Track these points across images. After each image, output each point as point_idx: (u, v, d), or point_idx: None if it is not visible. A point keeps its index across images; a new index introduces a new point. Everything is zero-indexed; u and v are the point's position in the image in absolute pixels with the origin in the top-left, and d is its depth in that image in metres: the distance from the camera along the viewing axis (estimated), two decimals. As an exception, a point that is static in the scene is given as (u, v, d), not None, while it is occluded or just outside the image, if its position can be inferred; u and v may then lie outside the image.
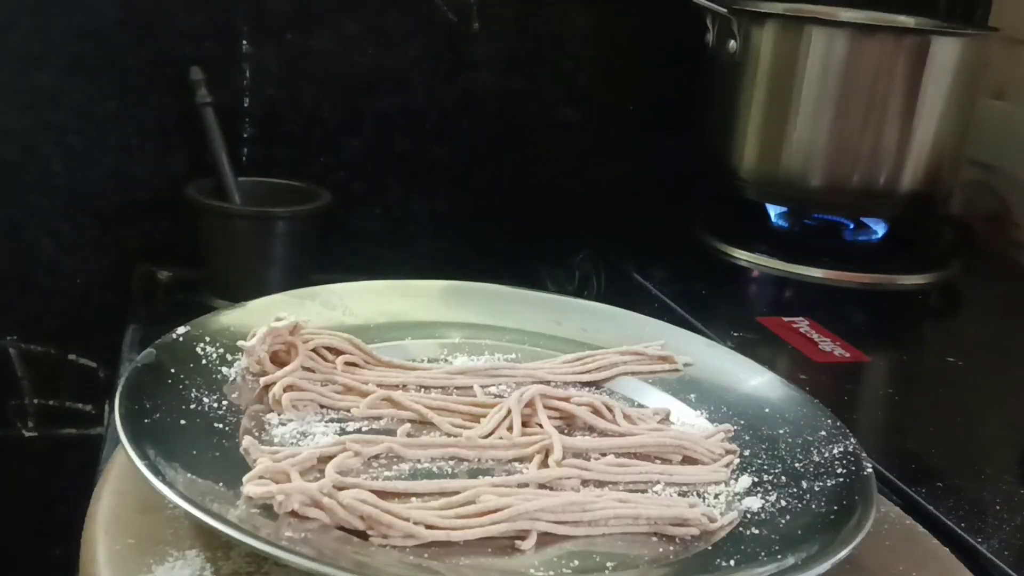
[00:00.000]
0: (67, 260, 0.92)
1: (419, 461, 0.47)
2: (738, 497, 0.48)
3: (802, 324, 0.75)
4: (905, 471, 0.56)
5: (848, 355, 0.71)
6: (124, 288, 0.90)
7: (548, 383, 0.56)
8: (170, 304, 0.87)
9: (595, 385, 0.58)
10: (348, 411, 0.51)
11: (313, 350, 0.54)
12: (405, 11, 0.94)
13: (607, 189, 1.04)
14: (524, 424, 0.51)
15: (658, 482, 0.48)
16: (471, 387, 0.55)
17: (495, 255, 1.01)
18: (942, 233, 0.92)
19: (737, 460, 0.51)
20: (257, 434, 0.47)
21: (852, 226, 0.95)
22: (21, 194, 0.89)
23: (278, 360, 0.52)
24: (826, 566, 0.40)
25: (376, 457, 0.46)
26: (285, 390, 0.50)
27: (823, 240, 0.94)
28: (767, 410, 0.55)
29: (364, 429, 0.49)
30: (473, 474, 0.47)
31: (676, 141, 1.01)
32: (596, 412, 0.53)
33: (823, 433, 0.52)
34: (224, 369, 0.52)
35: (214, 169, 0.86)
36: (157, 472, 0.40)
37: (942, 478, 0.56)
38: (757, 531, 0.45)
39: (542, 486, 0.46)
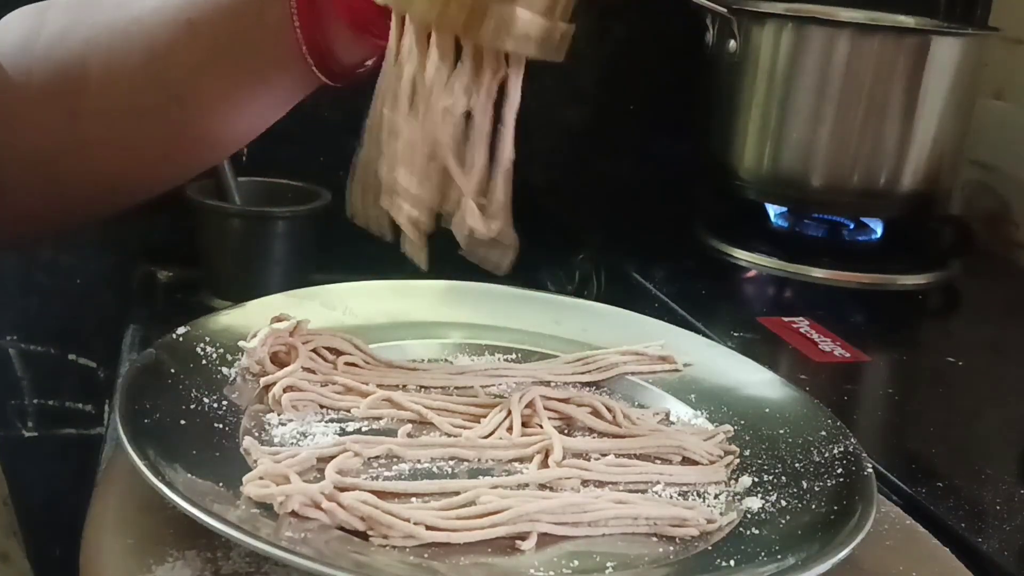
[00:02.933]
0: (67, 260, 0.92)
1: (419, 461, 0.47)
2: (738, 497, 0.48)
3: (802, 324, 0.75)
4: (905, 471, 0.56)
5: (848, 355, 0.71)
6: (124, 288, 0.90)
7: (548, 383, 0.56)
8: (170, 304, 0.87)
9: (595, 385, 0.58)
10: (348, 411, 0.51)
11: (313, 350, 0.54)
12: (405, 11, 0.94)
13: (607, 189, 1.04)
14: (524, 424, 0.51)
15: (658, 482, 0.48)
16: (471, 387, 0.55)
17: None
18: (942, 233, 0.92)
19: (737, 460, 0.51)
20: (257, 434, 0.47)
21: (852, 226, 0.95)
22: (21, 194, 0.89)
23: (278, 361, 0.52)
24: (826, 566, 0.40)
25: (376, 457, 0.46)
26: (285, 390, 0.50)
27: (823, 240, 0.94)
28: (767, 410, 0.55)
29: (364, 429, 0.49)
30: (473, 474, 0.47)
31: (676, 141, 1.01)
32: (596, 414, 0.53)
33: (823, 433, 0.52)
34: (224, 369, 0.52)
35: (214, 169, 0.86)
36: (157, 472, 0.40)
37: (942, 478, 0.56)
38: (757, 531, 0.45)
39: (542, 486, 0.46)
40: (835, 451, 0.50)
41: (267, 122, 0.56)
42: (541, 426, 0.51)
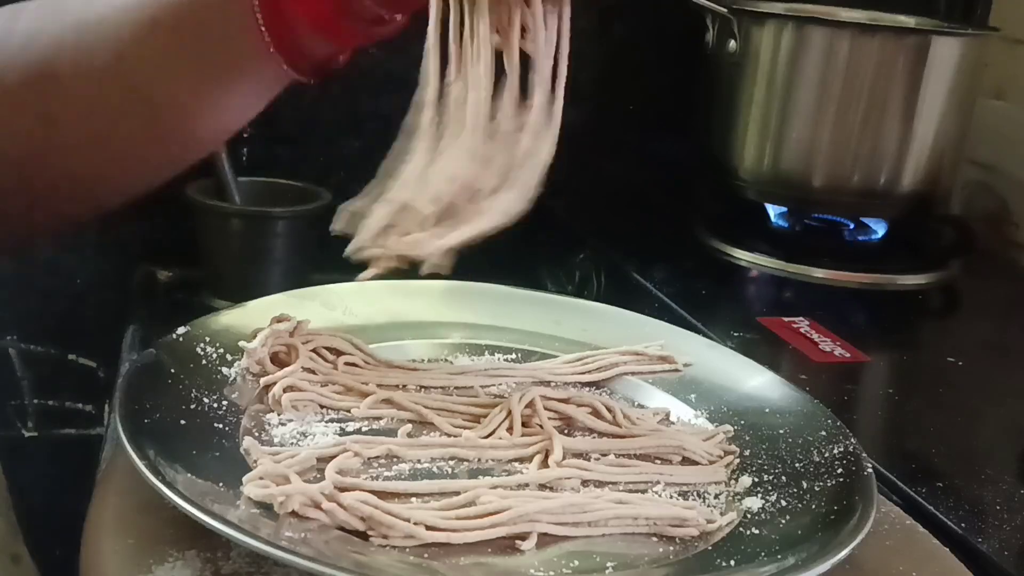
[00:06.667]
0: (67, 260, 0.92)
1: (419, 461, 0.47)
2: (738, 497, 0.48)
3: (802, 324, 0.75)
4: (905, 471, 0.56)
5: (848, 355, 0.71)
6: (124, 288, 0.90)
7: (548, 383, 0.56)
8: (170, 304, 0.87)
9: (595, 385, 0.58)
10: (348, 411, 0.51)
11: (313, 350, 0.54)
12: (405, 11, 0.94)
13: (607, 189, 1.04)
14: (524, 424, 0.51)
15: (658, 482, 0.48)
16: (471, 387, 0.55)
17: (495, 255, 1.01)
18: (942, 233, 0.92)
19: (737, 460, 0.51)
20: (257, 434, 0.47)
21: (852, 226, 0.95)
22: (21, 194, 0.89)
23: (278, 361, 0.53)
24: (826, 566, 0.40)
25: (376, 457, 0.46)
26: (285, 390, 0.50)
27: (823, 240, 0.94)
28: (767, 410, 0.55)
29: (364, 429, 0.49)
30: (473, 474, 0.47)
31: (676, 141, 1.01)
32: (596, 414, 0.53)
33: (823, 433, 0.52)
34: (224, 369, 0.52)
35: (214, 169, 0.86)
36: (157, 472, 0.40)
37: (942, 478, 0.56)
38: (757, 531, 0.45)
39: (542, 487, 0.46)
40: (835, 451, 0.50)
41: (243, 119, 0.55)
42: (541, 426, 0.51)
